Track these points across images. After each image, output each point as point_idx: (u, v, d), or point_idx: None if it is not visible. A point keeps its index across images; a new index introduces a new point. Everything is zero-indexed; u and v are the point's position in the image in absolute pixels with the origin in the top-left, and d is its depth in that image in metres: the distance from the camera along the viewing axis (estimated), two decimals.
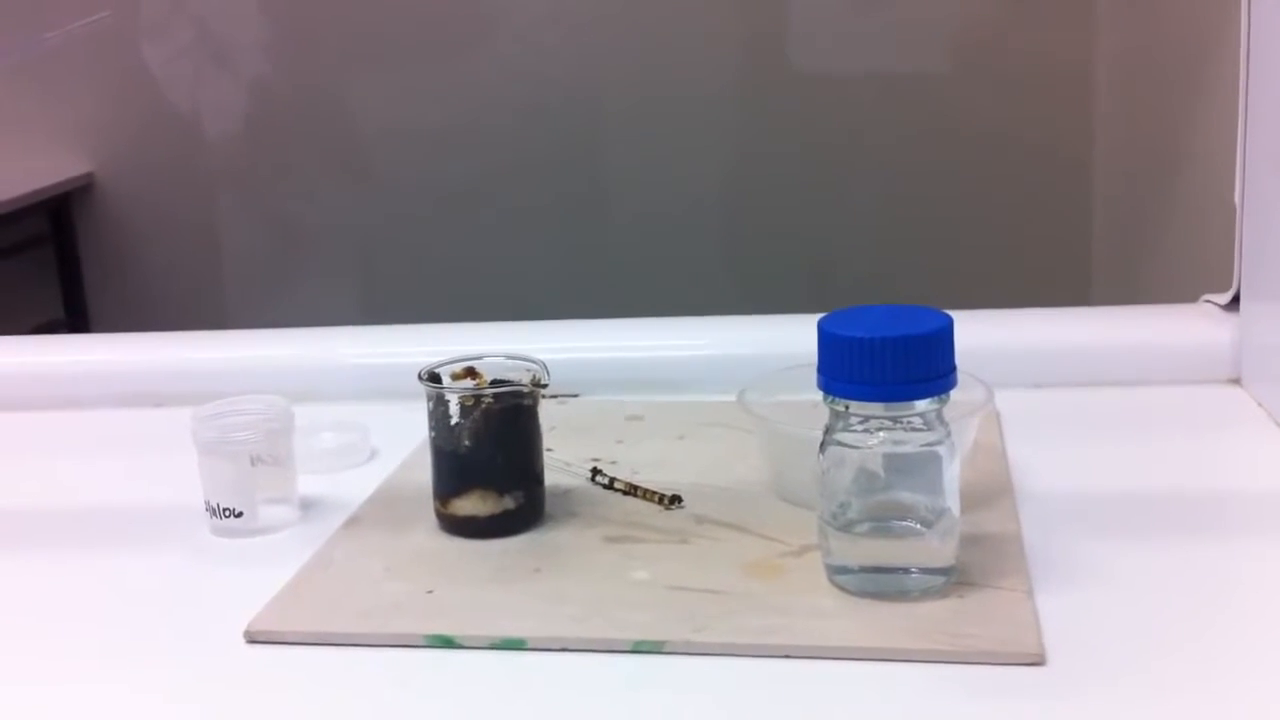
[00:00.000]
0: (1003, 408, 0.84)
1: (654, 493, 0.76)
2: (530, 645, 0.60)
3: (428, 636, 0.61)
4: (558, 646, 0.60)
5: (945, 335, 0.62)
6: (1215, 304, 0.96)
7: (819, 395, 0.64)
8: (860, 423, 0.62)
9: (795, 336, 0.91)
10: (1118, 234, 2.25)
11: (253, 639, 0.62)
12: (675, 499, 0.75)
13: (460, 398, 0.72)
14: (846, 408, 0.62)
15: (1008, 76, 2.45)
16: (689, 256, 2.45)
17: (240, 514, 0.74)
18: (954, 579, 0.63)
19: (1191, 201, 1.72)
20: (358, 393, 0.97)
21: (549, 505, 0.74)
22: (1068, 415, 0.89)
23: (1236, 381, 0.91)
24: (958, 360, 0.63)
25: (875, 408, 0.62)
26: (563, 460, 0.80)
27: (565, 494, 0.77)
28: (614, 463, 0.81)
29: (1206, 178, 1.57)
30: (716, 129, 2.55)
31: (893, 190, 2.50)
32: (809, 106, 2.52)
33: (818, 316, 0.64)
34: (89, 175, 2.67)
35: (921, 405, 0.62)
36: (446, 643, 0.61)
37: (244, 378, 0.96)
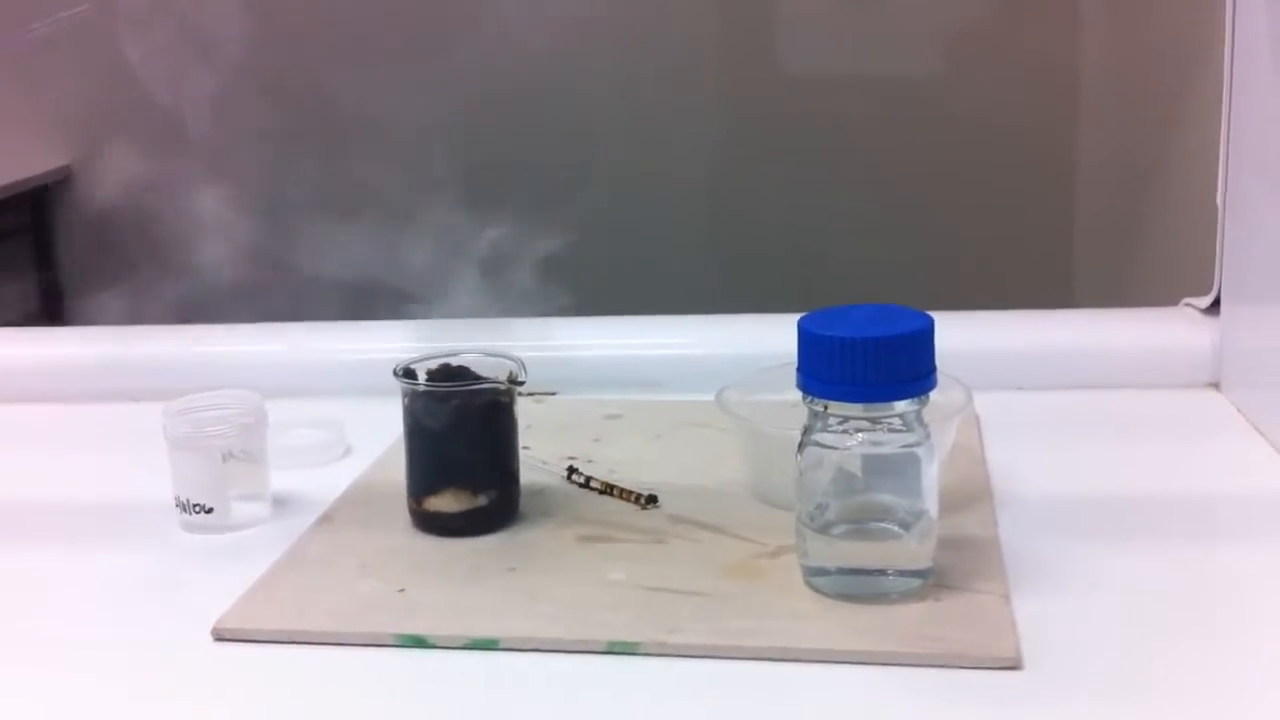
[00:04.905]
0: (982, 410, 0.83)
1: (630, 492, 0.75)
2: (503, 645, 0.60)
3: (399, 636, 0.60)
4: (531, 647, 0.59)
5: (925, 336, 0.62)
6: (1195, 308, 0.95)
7: (798, 395, 0.63)
8: (839, 423, 0.62)
9: (775, 336, 0.91)
10: (1101, 236, 2.25)
11: (220, 636, 0.62)
12: (651, 499, 0.74)
13: (435, 394, 0.71)
14: (825, 408, 0.62)
15: (992, 78, 2.45)
16: (673, 255, 2.44)
17: (211, 510, 0.73)
18: (931, 581, 0.62)
19: (1174, 205, 1.72)
20: (334, 389, 0.96)
21: (524, 504, 0.74)
22: (1047, 418, 0.89)
23: (1215, 386, 0.91)
24: (937, 362, 0.62)
25: (854, 408, 0.62)
26: (539, 458, 0.80)
27: (540, 492, 0.76)
28: (590, 461, 0.80)
29: (1189, 181, 1.57)
30: (702, 128, 2.55)
31: (876, 191, 2.49)
32: (793, 106, 2.51)
33: (798, 316, 0.63)
34: (66, 168, 2.65)
35: (901, 406, 0.61)
36: (418, 642, 0.60)
37: (219, 372, 0.95)
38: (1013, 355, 0.94)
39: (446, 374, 0.73)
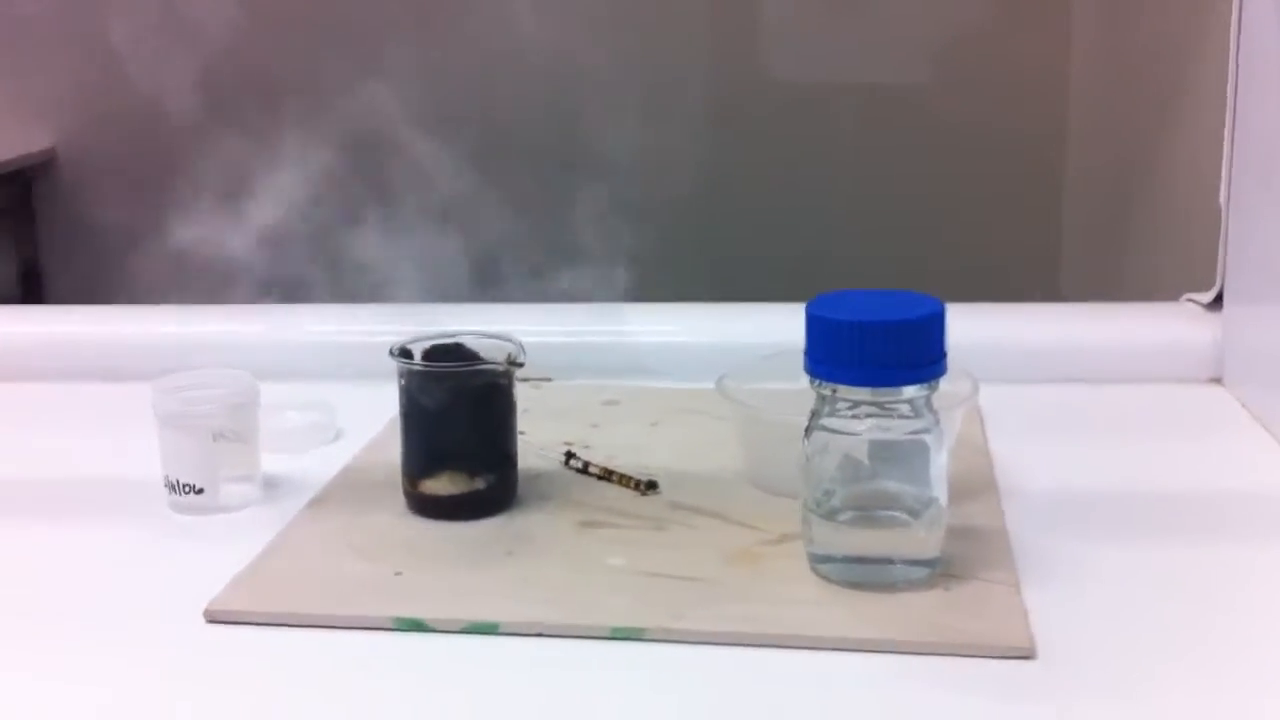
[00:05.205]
0: (982, 402, 0.82)
1: (629, 478, 0.74)
2: (503, 630, 0.58)
3: (397, 619, 0.59)
4: (533, 631, 0.58)
5: (936, 321, 0.61)
6: (1197, 303, 0.94)
7: (798, 383, 0.62)
8: (848, 408, 0.61)
9: (772, 325, 0.90)
10: (1089, 240, 2.25)
11: (213, 618, 0.60)
12: (651, 485, 0.73)
13: (433, 374, 0.70)
14: (834, 392, 0.61)
15: (985, 81, 2.44)
16: (664, 254, 2.42)
17: (201, 490, 0.72)
18: (939, 571, 0.61)
19: (1162, 207, 1.72)
20: (324, 371, 0.95)
21: (521, 488, 0.72)
22: (1048, 411, 0.88)
23: (1218, 381, 0.90)
24: None
25: (863, 393, 0.60)
26: (536, 444, 0.78)
27: (537, 477, 0.74)
28: (588, 447, 0.79)
29: (1178, 183, 1.56)
30: (697, 132, 2.54)
31: (869, 194, 2.49)
32: (788, 109, 2.51)
33: (795, 305, 0.62)
34: (51, 150, 2.63)
35: (910, 392, 0.60)
36: (416, 626, 0.59)
37: (203, 353, 0.93)
38: (1012, 348, 0.93)
39: (443, 355, 0.71)
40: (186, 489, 0.72)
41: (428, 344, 0.72)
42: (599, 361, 0.95)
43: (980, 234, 2.44)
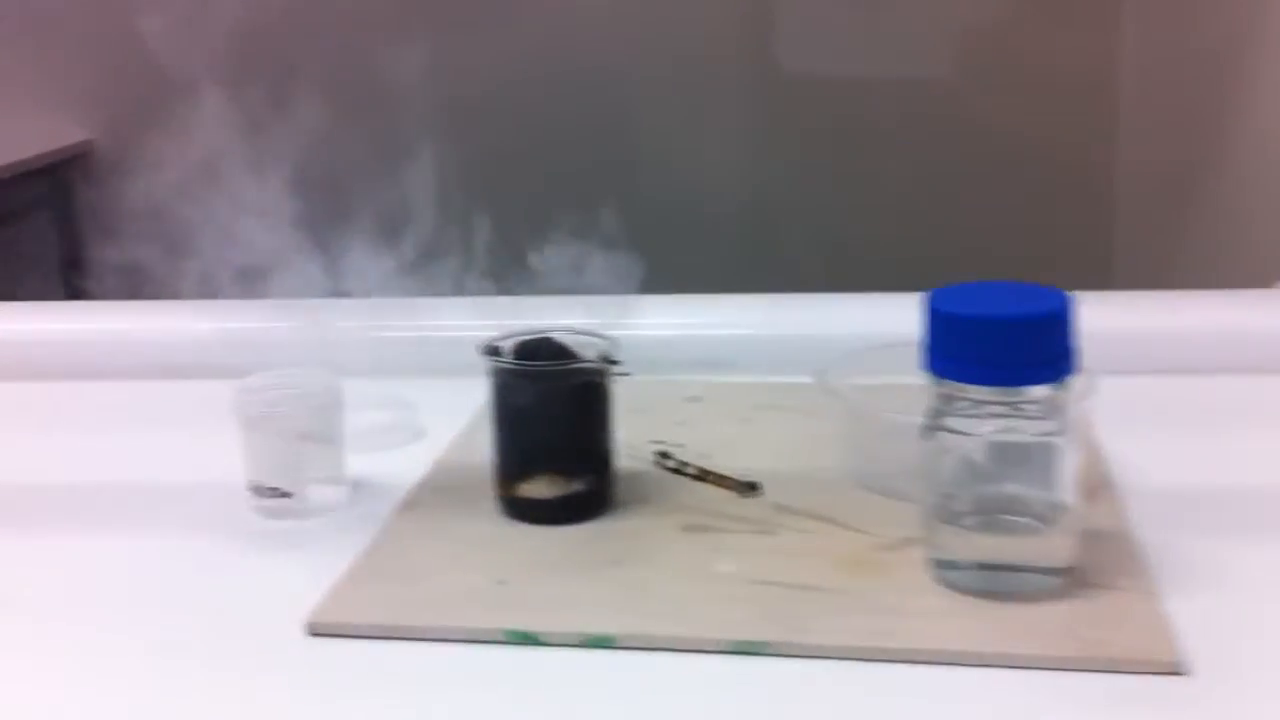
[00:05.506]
0: None
1: (728, 479, 0.71)
2: (619, 643, 0.56)
3: (508, 632, 0.56)
4: (650, 645, 0.55)
5: (1067, 315, 0.58)
6: None
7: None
8: (972, 408, 0.58)
9: (850, 316, 0.87)
10: (1142, 237, 2.22)
11: (316, 631, 0.58)
12: (752, 486, 0.70)
13: (529, 373, 0.67)
14: (958, 391, 0.58)
15: (1033, 74, 2.42)
16: (706, 249, 2.41)
17: (288, 494, 0.69)
18: (1070, 579, 0.58)
19: (1217, 202, 1.69)
20: (398, 368, 0.92)
21: (617, 490, 0.70)
22: (1151, 403, 0.84)
23: None
24: None
25: (989, 392, 0.57)
26: (624, 442, 0.75)
27: (632, 478, 0.72)
28: (681, 446, 0.76)
29: (1233, 178, 1.53)
30: (736, 126, 2.52)
31: (918, 190, 2.46)
32: (834, 107, 2.51)
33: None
34: (88, 142, 2.61)
35: (1040, 391, 0.57)
36: (528, 639, 0.56)
37: (262, 349, 0.90)
38: (1109, 338, 0.89)
39: (532, 351, 0.69)
40: (273, 493, 0.69)
41: (515, 340, 0.69)
42: (672, 356, 0.91)
43: (1031, 232, 2.41)
